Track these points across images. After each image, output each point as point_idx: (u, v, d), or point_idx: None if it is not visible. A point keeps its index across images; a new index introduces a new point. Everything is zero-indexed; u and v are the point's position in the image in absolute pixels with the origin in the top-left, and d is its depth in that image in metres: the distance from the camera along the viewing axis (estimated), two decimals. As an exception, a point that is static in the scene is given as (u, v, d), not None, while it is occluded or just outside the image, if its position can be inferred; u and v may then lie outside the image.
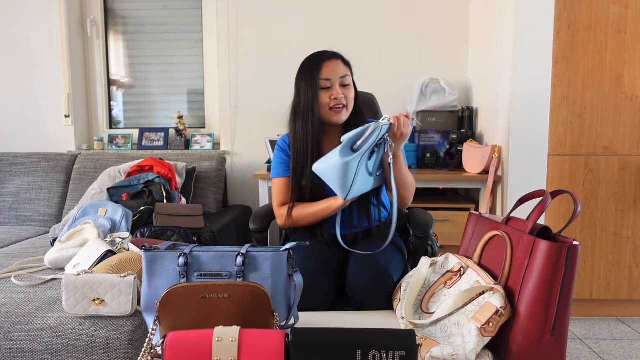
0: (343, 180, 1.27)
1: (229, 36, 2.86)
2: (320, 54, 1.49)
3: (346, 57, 1.53)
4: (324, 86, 1.45)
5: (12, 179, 2.66)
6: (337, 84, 1.45)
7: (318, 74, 1.44)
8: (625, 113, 2.19)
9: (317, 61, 1.46)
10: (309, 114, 1.45)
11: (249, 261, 1.00)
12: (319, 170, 1.31)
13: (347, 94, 1.47)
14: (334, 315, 1.24)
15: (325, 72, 1.44)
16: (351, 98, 1.49)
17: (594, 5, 2.14)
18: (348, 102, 1.48)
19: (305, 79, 1.46)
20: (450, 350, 0.92)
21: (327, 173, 1.29)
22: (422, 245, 1.54)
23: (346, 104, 1.47)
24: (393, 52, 2.83)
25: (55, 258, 1.63)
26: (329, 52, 1.50)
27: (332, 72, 1.45)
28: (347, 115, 1.50)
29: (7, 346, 1.26)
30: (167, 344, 0.82)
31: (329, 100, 1.45)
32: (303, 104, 1.47)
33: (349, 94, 1.48)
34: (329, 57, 1.47)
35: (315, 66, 1.45)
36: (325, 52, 1.50)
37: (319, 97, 1.45)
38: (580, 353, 1.96)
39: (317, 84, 1.44)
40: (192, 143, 2.95)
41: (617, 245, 2.24)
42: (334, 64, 1.46)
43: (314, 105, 1.44)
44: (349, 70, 1.50)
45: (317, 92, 1.44)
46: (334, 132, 1.52)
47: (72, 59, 2.92)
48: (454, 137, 2.51)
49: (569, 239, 0.92)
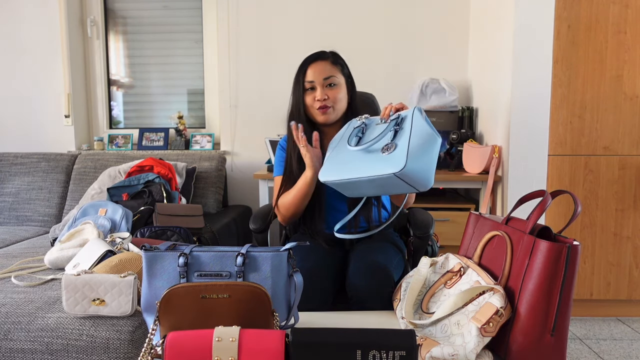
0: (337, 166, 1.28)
1: (229, 36, 2.86)
2: (308, 57, 1.53)
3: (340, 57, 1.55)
4: (308, 87, 1.50)
5: (12, 179, 2.66)
6: (320, 85, 1.48)
7: (303, 76, 1.50)
8: (625, 113, 2.19)
9: (303, 64, 1.52)
10: (297, 115, 1.51)
11: (249, 261, 1.00)
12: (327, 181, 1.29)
13: (333, 95, 1.49)
14: (334, 315, 1.23)
15: (309, 75, 1.49)
16: (338, 98, 1.50)
17: (594, 5, 2.14)
18: (334, 102, 1.49)
19: (295, 82, 1.53)
20: (450, 350, 0.92)
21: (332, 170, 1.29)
22: (422, 245, 1.54)
23: (332, 104, 1.49)
24: (393, 52, 2.83)
25: (55, 258, 1.62)
26: (316, 53, 1.53)
27: (315, 74, 1.48)
28: (334, 115, 1.51)
29: (7, 346, 1.26)
30: (167, 344, 0.82)
31: (314, 102, 1.49)
32: (293, 106, 1.54)
33: (335, 94, 1.49)
34: (313, 59, 1.51)
35: (301, 69, 1.51)
36: (312, 54, 1.53)
37: (303, 98, 1.50)
38: (580, 353, 1.96)
39: (302, 86, 1.50)
40: (192, 143, 2.95)
41: (617, 245, 2.24)
42: (318, 65, 1.49)
43: (299, 107, 1.51)
44: (338, 70, 1.51)
45: (302, 94, 1.50)
46: (332, 132, 1.52)
47: (72, 59, 2.92)
48: (454, 137, 2.51)
49: (569, 239, 0.91)
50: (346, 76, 1.54)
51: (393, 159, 1.13)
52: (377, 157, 1.18)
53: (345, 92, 1.53)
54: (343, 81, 1.52)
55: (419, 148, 1.14)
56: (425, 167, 1.15)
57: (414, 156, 1.12)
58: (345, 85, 1.53)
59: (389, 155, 1.15)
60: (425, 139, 1.17)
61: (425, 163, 1.15)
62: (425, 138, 1.17)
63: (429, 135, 1.18)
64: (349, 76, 1.56)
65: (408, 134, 1.17)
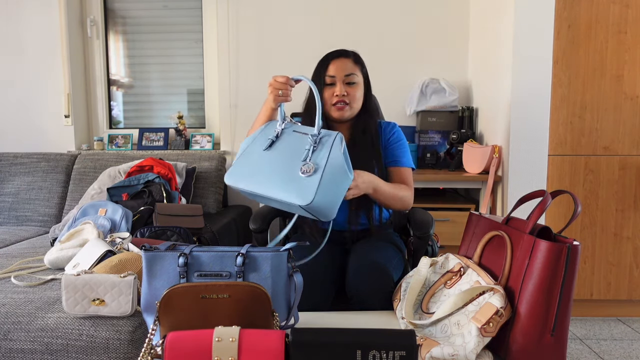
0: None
1: (229, 36, 2.86)
2: (331, 52, 1.54)
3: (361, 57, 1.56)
4: (329, 82, 1.50)
5: (12, 179, 2.66)
6: (341, 81, 1.48)
7: (325, 71, 1.50)
8: (626, 113, 2.19)
9: (326, 59, 1.53)
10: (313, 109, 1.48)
11: (249, 261, 1.00)
12: (235, 187, 1.19)
13: (352, 92, 1.50)
14: (334, 315, 1.23)
15: (331, 70, 1.50)
16: (356, 96, 1.51)
17: (594, 5, 2.14)
18: (352, 100, 1.50)
19: (314, 76, 1.54)
20: (450, 350, 0.92)
21: None
22: (422, 245, 1.54)
23: (349, 102, 1.49)
24: (393, 52, 2.83)
25: (55, 258, 1.62)
26: (339, 50, 1.55)
27: (337, 70, 1.49)
28: (350, 112, 1.51)
29: (6, 346, 1.26)
30: (167, 344, 0.82)
31: (332, 97, 1.49)
32: (309, 99, 1.54)
33: (354, 92, 1.50)
34: (336, 55, 1.52)
35: (324, 64, 1.52)
36: (335, 50, 1.55)
37: (323, 92, 1.50)
38: (581, 353, 1.96)
39: (323, 80, 1.50)
40: (192, 143, 2.95)
41: (617, 245, 2.24)
42: (341, 62, 1.50)
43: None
44: (358, 69, 1.53)
45: (321, 88, 1.50)
46: (342, 130, 1.53)
47: (72, 59, 2.92)
48: (454, 137, 2.51)
49: (569, 239, 0.91)
50: (364, 77, 1.56)
51: (303, 189, 1.09)
52: (291, 175, 1.12)
53: (362, 92, 1.55)
54: (362, 81, 1.54)
55: (330, 183, 1.12)
56: (330, 202, 1.14)
57: (322, 191, 1.10)
58: (363, 85, 1.55)
59: (302, 181, 1.10)
60: (338, 174, 1.15)
61: (331, 198, 1.14)
62: (337, 174, 1.15)
63: (342, 172, 1.17)
64: (366, 77, 1.57)
65: (323, 163, 1.12)
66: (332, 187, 1.14)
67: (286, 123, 1.25)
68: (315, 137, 1.17)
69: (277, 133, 1.21)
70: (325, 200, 1.12)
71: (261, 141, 1.22)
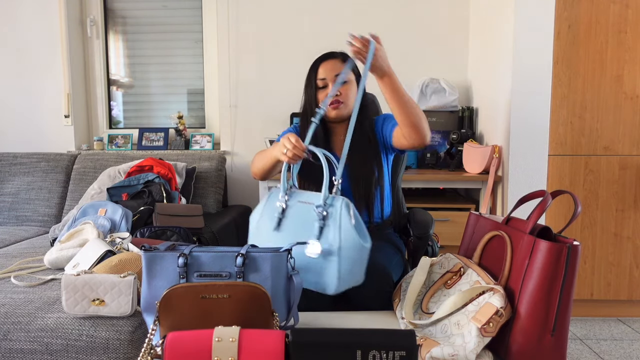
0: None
1: (229, 36, 2.86)
2: (319, 57, 1.55)
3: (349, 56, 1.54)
4: (321, 85, 1.51)
5: (12, 179, 2.66)
6: (332, 81, 1.49)
7: (315, 75, 1.52)
8: (626, 113, 2.19)
9: (314, 64, 1.55)
10: (309, 113, 1.51)
11: (248, 261, 1.00)
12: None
13: (344, 91, 1.50)
14: (334, 315, 1.23)
15: (321, 72, 1.51)
16: (349, 94, 1.51)
17: (594, 5, 2.14)
18: (345, 98, 1.50)
19: (306, 82, 1.55)
20: (450, 350, 0.92)
21: None
22: (422, 245, 1.54)
23: (344, 100, 1.50)
24: (393, 52, 2.79)
25: (55, 258, 1.62)
26: (326, 53, 1.55)
27: (327, 72, 1.51)
28: (346, 110, 1.52)
29: (6, 346, 1.26)
30: (166, 344, 0.82)
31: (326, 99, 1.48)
32: (305, 105, 1.55)
33: (347, 90, 1.51)
34: (324, 58, 1.54)
35: (313, 68, 1.54)
36: (323, 54, 1.55)
37: (316, 97, 1.52)
38: (581, 353, 1.96)
39: (314, 84, 1.51)
40: (192, 143, 2.94)
41: (618, 245, 2.24)
42: (329, 63, 1.52)
43: (312, 105, 1.52)
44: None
45: (314, 92, 1.52)
46: (341, 130, 1.54)
47: (72, 58, 2.92)
48: (454, 137, 2.51)
49: (569, 239, 0.91)
50: (356, 74, 1.56)
51: (323, 280, 1.13)
52: (306, 263, 1.14)
53: (356, 90, 1.54)
54: (354, 78, 1.54)
55: (349, 273, 1.14)
56: (355, 278, 1.17)
57: (344, 280, 1.13)
58: (356, 83, 1.55)
59: (321, 273, 1.13)
60: (355, 255, 1.14)
61: (355, 276, 1.16)
62: (354, 255, 1.14)
63: (358, 250, 1.14)
64: (358, 75, 1.57)
65: (336, 245, 1.12)
66: (353, 270, 1.15)
67: (289, 192, 1.27)
68: (322, 209, 1.17)
69: (283, 208, 1.24)
70: (351, 280, 1.15)
71: (269, 215, 1.25)
